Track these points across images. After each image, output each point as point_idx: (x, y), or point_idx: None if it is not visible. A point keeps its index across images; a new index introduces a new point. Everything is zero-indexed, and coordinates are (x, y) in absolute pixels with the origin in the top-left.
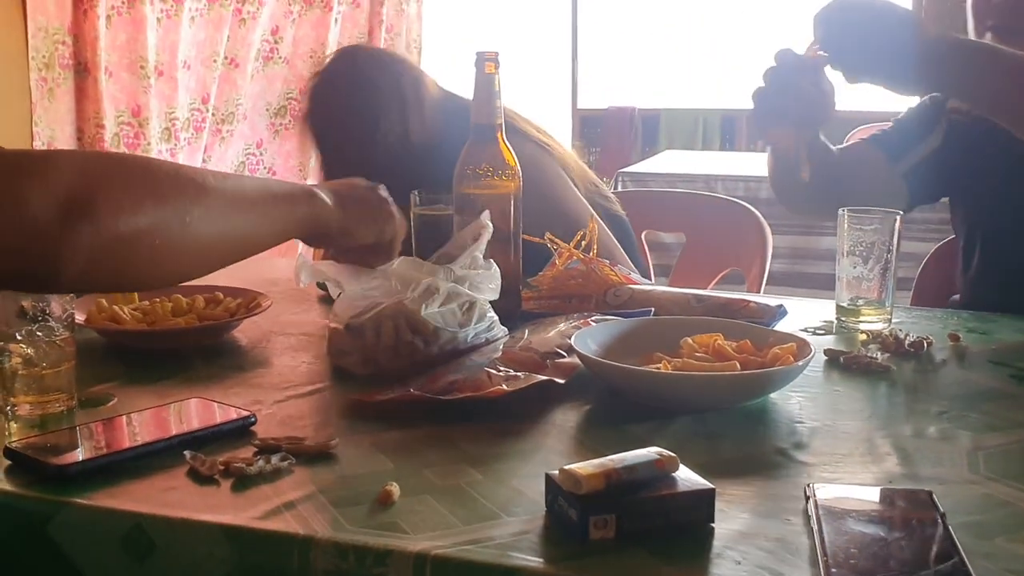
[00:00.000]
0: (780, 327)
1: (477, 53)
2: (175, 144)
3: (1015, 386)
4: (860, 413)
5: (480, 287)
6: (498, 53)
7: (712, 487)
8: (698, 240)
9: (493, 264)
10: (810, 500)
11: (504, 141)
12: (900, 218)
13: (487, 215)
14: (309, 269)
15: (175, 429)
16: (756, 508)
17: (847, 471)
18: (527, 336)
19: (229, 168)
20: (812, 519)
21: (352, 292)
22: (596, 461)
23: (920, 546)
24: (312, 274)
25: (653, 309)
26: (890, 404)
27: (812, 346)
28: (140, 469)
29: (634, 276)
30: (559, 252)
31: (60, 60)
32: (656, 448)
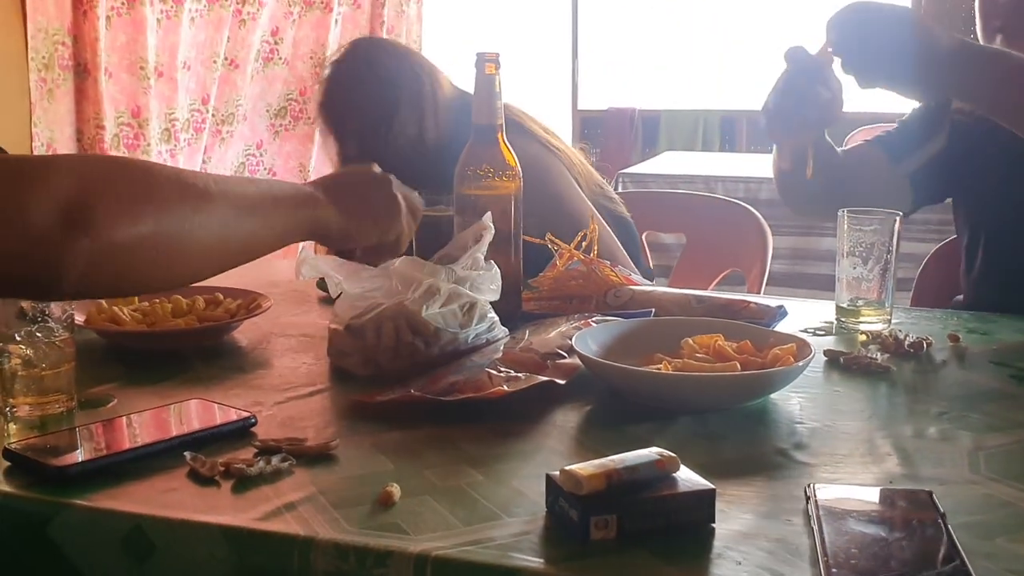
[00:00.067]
0: (780, 328)
1: (478, 54)
2: (175, 145)
3: (1015, 386)
4: (860, 414)
5: (481, 288)
6: (499, 54)
7: (713, 487)
8: (698, 241)
9: (494, 265)
10: (810, 500)
11: (505, 142)
12: (900, 219)
13: (489, 216)
14: (311, 264)
15: (175, 430)
16: (757, 508)
17: (847, 471)
18: (528, 337)
19: (229, 169)
20: (812, 519)
21: (353, 293)
22: (597, 462)
23: (921, 546)
24: (313, 269)
25: (654, 310)
26: (890, 404)
27: (812, 347)
28: (140, 470)
29: (635, 277)
30: (560, 253)
31: (60, 61)
32: (657, 448)
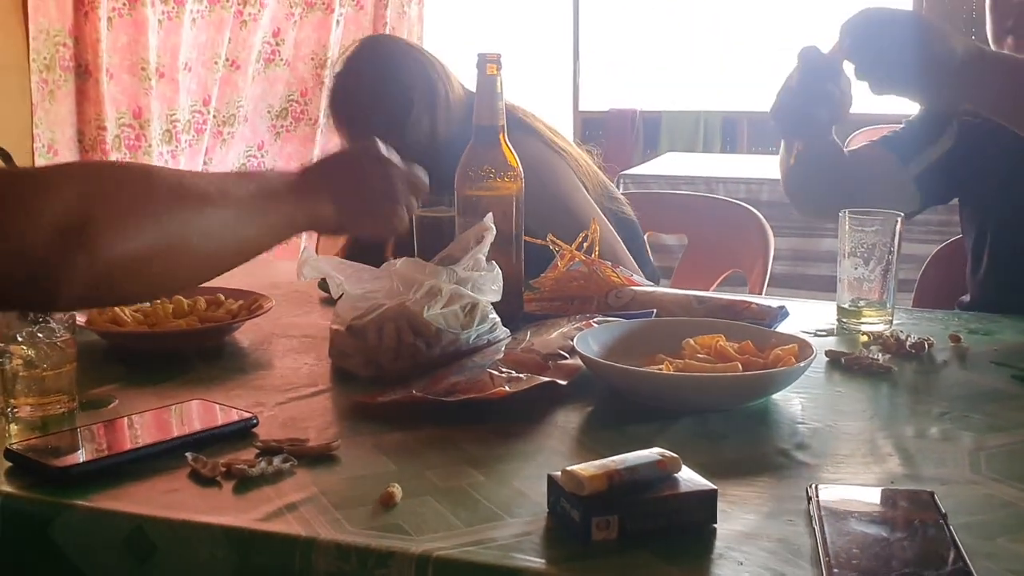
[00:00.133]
0: (782, 328)
1: (479, 55)
2: (176, 146)
3: (1017, 387)
4: (862, 414)
5: (482, 289)
6: (500, 55)
7: (714, 488)
8: (700, 242)
9: (495, 266)
10: (812, 501)
11: (506, 143)
12: (901, 220)
13: (490, 217)
14: (312, 264)
15: (176, 431)
16: (758, 509)
17: (849, 472)
18: (529, 338)
19: (231, 170)
20: (814, 520)
21: (354, 293)
22: (598, 462)
23: (922, 547)
24: (315, 270)
25: (655, 310)
26: (892, 405)
27: (813, 347)
28: (141, 471)
29: (636, 278)
30: (561, 254)
31: (61, 62)
32: (658, 449)
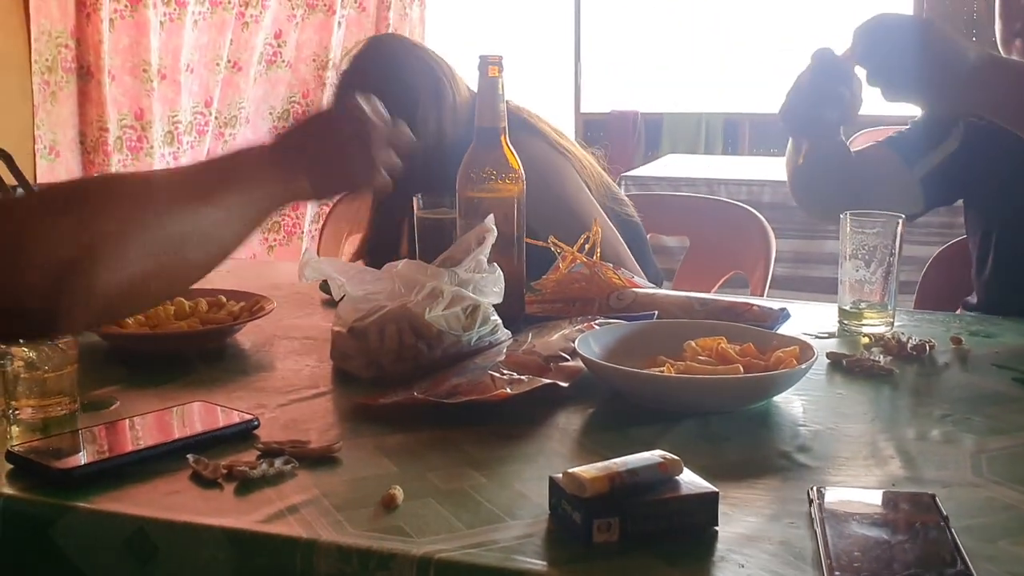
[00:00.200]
0: (783, 330)
1: (481, 57)
2: (178, 148)
3: (1018, 389)
4: (863, 416)
5: (484, 291)
6: (502, 57)
7: (716, 490)
8: (701, 244)
9: (497, 268)
10: (813, 503)
11: (508, 145)
12: (902, 222)
13: (491, 219)
14: (313, 266)
15: (178, 433)
16: (760, 511)
17: (850, 474)
18: (530, 339)
19: None
20: (816, 522)
21: (355, 295)
22: (600, 464)
23: (923, 549)
24: (316, 271)
25: (656, 312)
26: (893, 407)
27: (815, 349)
28: (143, 473)
29: (638, 280)
30: (563, 255)
31: (63, 64)
32: (660, 451)
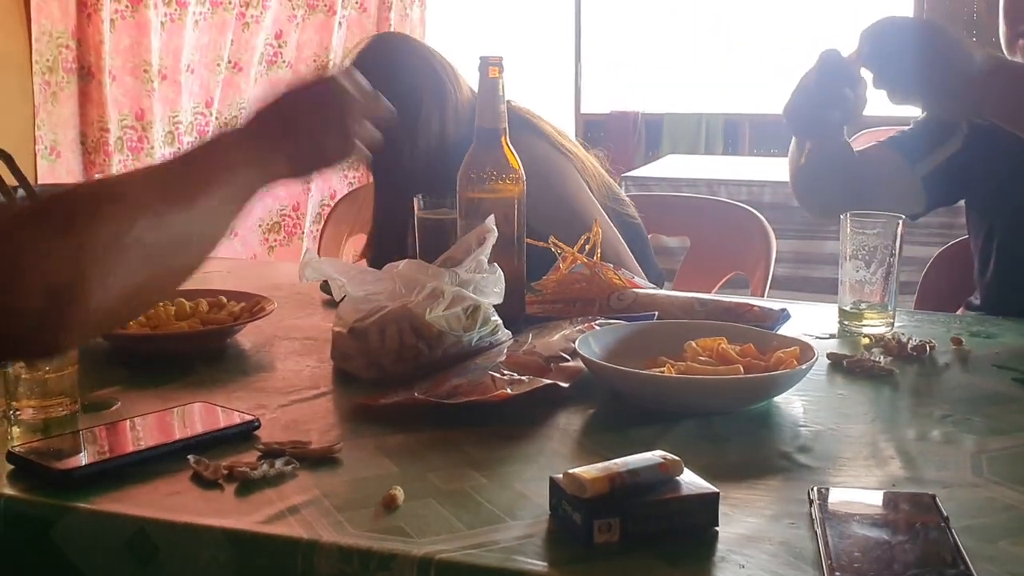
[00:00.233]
0: (783, 331)
1: (481, 58)
2: (178, 148)
3: (1018, 390)
4: (863, 417)
5: (484, 291)
6: (502, 57)
7: (716, 491)
8: (702, 244)
9: (497, 268)
10: (814, 504)
11: (508, 145)
12: (902, 222)
13: (492, 219)
14: (314, 266)
15: (179, 433)
16: (760, 512)
17: (851, 475)
18: (531, 340)
19: None
20: (816, 523)
21: (356, 295)
22: (600, 465)
23: (923, 550)
24: (317, 272)
25: (656, 313)
26: (893, 408)
27: (815, 350)
28: (144, 473)
29: (638, 280)
30: (563, 256)
31: (64, 64)
32: (660, 452)
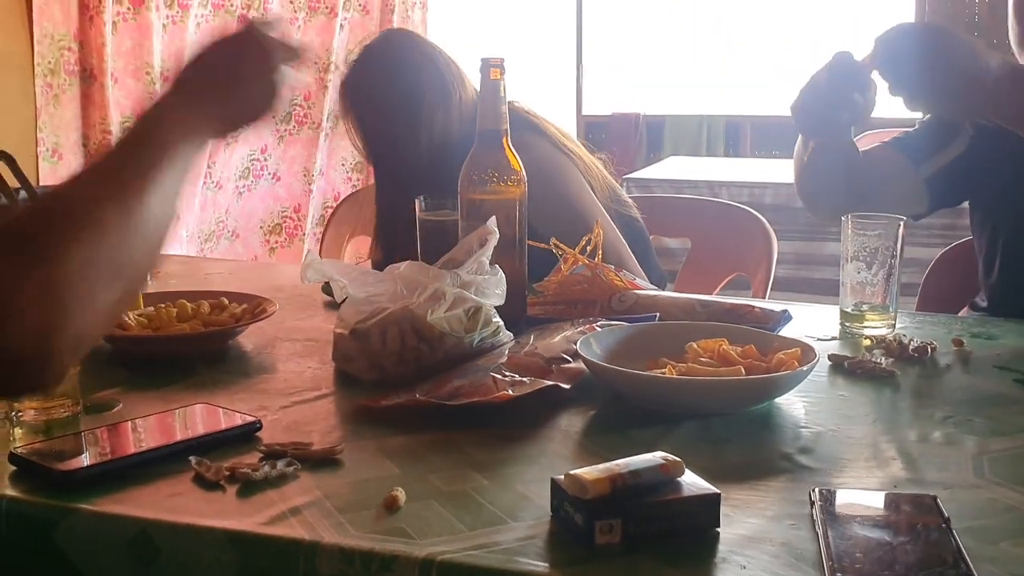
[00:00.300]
0: (785, 332)
1: (482, 59)
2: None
3: (1020, 391)
4: (865, 418)
5: (486, 292)
6: (503, 59)
7: (717, 492)
8: (703, 246)
9: (499, 269)
10: (815, 505)
11: (509, 147)
12: (903, 224)
13: (493, 221)
14: (316, 268)
15: (180, 435)
16: (761, 513)
17: (852, 476)
18: (532, 341)
19: (234, 174)
20: (817, 524)
21: (358, 297)
22: (601, 466)
23: (925, 550)
24: (318, 273)
25: (658, 314)
26: (895, 409)
27: (816, 351)
28: (145, 475)
29: (640, 282)
30: (564, 257)
31: (66, 66)
32: (661, 453)
